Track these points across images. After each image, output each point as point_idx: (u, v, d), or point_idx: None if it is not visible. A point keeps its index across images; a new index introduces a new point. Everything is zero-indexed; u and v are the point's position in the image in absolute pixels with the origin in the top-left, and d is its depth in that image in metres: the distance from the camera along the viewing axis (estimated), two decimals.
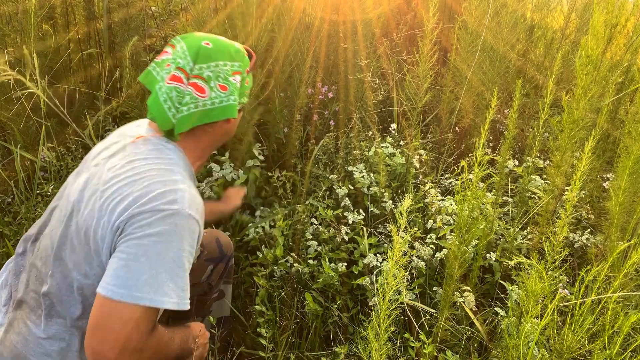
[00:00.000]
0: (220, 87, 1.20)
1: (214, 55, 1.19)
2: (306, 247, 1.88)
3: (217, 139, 1.30)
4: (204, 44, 1.19)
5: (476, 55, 2.51)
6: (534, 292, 1.20)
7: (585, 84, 1.71)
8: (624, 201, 1.70)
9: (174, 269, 1.03)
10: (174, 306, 1.01)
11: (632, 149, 1.69)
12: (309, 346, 1.77)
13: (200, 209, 1.12)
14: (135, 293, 0.98)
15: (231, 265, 1.68)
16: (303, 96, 2.39)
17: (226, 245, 1.63)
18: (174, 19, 2.67)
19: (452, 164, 2.61)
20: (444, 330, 1.60)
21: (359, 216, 1.95)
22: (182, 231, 1.04)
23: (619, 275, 1.15)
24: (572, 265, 1.98)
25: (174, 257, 1.03)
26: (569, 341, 1.18)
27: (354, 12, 2.58)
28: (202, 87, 1.18)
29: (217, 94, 1.19)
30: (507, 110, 2.74)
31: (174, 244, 1.03)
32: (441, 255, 1.81)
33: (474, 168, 1.50)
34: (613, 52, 2.33)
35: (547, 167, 2.10)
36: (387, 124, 2.68)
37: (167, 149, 1.18)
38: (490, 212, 1.88)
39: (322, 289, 1.82)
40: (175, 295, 1.02)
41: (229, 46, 1.24)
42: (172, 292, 1.02)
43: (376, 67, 2.79)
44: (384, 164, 2.24)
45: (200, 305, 1.57)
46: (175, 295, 1.02)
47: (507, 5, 2.60)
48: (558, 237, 1.26)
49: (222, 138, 1.32)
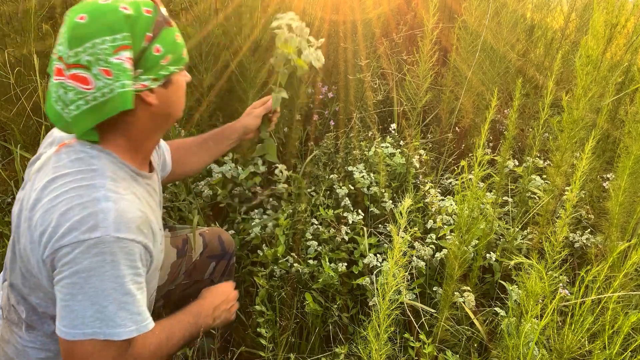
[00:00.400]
0: (104, 73, 0.95)
1: (88, 33, 0.94)
2: (306, 247, 1.88)
3: (150, 125, 1.08)
4: (78, 20, 0.95)
5: (476, 55, 2.51)
6: (534, 292, 1.20)
7: (585, 84, 1.71)
8: (624, 201, 1.70)
9: (119, 298, 0.96)
10: (134, 333, 0.98)
11: (632, 149, 1.69)
12: (309, 346, 1.77)
13: (135, 222, 0.98)
14: (85, 330, 0.94)
15: (232, 264, 1.68)
16: (303, 96, 2.39)
17: (228, 243, 1.63)
18: (174, 18, 2.66)
19: (452, 164, 2.61)
20: (444, 330, 1.60)
21: (359, 216, 1.95)
22: (113, 258, 0.94)
23: (619, 275, 1.15)
24: (572, 265, 1.98)
25: (115, 287, 0.95)
26: (569, 341, 1.18)
27: (354, 12, 2.58)
28: (84, 77, 0.95)
29: (105, 82, 0.95)
30: (507, 110, 2.74)
31: (108, 274, 0.94)
32: (441, 255, 1.81)
33: (474, 168, 1.50)
34: (613, 52, 2.33)
35: (547, 167, 2.10)
36: (387, 124, 2.68)
37: (90, 156, 1.02)
38: (490, 212, 1.88)
39: (322, 289, 1.82)
40: (131, 322, 0.97)
41: (109, 13, 0.95)
42: (127, 320, 0.97)
43: (376, 67, 2.79)
44: (384, 164, 2.24)
45: None
46: (132, 323, 0.98)
47: (507, 5, 2.60)
48: (558, 237, 1.26)
49: (160, 121, 1.09)
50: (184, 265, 1.56)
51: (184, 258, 1.55)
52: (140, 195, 1.08)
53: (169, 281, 1.53)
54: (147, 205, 1.09)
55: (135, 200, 1.02)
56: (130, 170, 1.09)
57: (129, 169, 1.08)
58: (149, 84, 1.01)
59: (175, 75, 1.07)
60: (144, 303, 1.02)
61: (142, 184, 1.13)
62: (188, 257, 1.56)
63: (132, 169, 1.09)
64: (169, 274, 1.52)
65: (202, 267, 1.59)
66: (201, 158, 1.58)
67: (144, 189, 1.13)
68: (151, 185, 1.19)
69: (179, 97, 1.10)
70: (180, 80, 1.09)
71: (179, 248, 1.54)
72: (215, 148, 1.59)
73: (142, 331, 0.99)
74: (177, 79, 1.08)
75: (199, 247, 1.58)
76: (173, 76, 1.06)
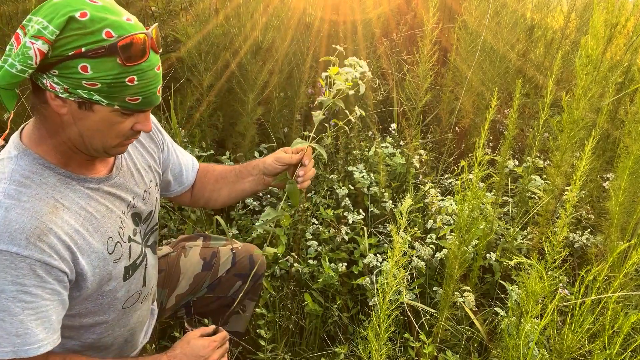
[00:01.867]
0: (16, 44, 0.92)
1: (41, 10, 0.92)
2: (306, 247, 1.88)
3: (69, 132, 1.00)
4: None
5: (476, 55, 2.51)
6: (534, 292, 1.20)
7: (585, 84, 1.71)
8: (624, 201, 1.70)
9: None
10: (12, 355, 0.92)
11: (632, 149, 1.69)
12: (309, 346, 1.77)
13: (25, 234, 0.92)
14: None
15: (259, 284, 1.62)
16: (303, 96, 2.40)
17: (259, 264, 1.56)
18: (174, 19, 2.66)
19: (452, 164, 2.61)
20: (444, 330, 1.61)
21: (359, 216, 1.95)
22: None
23: (619, 275, 1.15)
24: (572, 265, 1.98)
25: None
26: (569, 341, 1.18)
27: (354, 12, 2.58)
28: (19, 39, 0.91)
29: (13, 52, 0.91)
30: (507, 110, 2.74)
31: None
32: (441, 255, 1.81)
33: (474, 168, 1.50)
34: (613, 52, 2.33)
35: (547, 167, 2.10)
36: (387, 124, 2.68)
37: (9, 157, 0.99)
38: (490, 212, 1.88)
39: (322, 289, 1.82)
40: (7, 343, 0.92)
41: (67, 7, 0.90)
42: (3, 340, 0.92)
43: (376, 67, 2.79)
44: (384, 164, 2.24)
45: (218, 316, 1.56)
46: (8, 344, 0.92)
47: (507, 5, 2.60)
48: (558, 237, 1.26)
49: (75, 135, 1.00)
50: (208, 279, 1.53)
51: (210, 272, 1.52)
52: (70, 202, 1.01)
53: (190, 292, 1.51)
54: (76, 214, 1.02)
55: (42, 208, 0.95)
56: (60, 174, 1.02)
57: (57, 172, 1.01)
58: (59, 90, 0.94)
59: (100, 106, 0.97)
60: (34, 326, 0.94)
61: (80, 189, 1.05)
62: (214, 271, 1.53)
63: (63, 173, 1.02)
64: (190, 284, 1.50)
65: (228, 284, 1.55)
66: (218, 189, 1.46)
67: (83, 194, 1.05)
68: (105, 191, 1.11)
69: (98, 130, 1.00)
70: (109, 116, 0.98)
71: (206, 260, 1.51)
72: (235, 182, 1.44)
73: (20, 355, 0.92)
74: (102, 111, 0.97)
75: (226, 263, 1.54)
76: (96, 105, 0.96)
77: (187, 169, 1.44)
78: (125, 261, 1.14)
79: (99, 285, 1.08)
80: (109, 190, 1.11)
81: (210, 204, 1.51)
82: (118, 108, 0.97)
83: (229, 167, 1.50)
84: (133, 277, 1.18)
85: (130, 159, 1.22)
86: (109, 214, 1.10)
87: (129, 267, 1.16)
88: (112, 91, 0.94)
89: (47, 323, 0.97)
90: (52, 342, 0.98)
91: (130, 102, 0.97)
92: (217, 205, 1.51)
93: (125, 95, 0.96)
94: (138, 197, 1.20)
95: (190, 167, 1.45)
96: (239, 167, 1.46)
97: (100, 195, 1.09)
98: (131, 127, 1.03)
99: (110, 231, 1.09)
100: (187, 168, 1.44)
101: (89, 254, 1.03)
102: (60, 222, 0.98)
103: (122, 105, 0.97)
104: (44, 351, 0.96)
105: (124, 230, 1.14)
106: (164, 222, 2.02)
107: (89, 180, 1.07)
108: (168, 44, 2.64)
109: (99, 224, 1.06)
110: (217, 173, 1.48)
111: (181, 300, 1.52)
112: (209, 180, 1.48)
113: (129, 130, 1.03)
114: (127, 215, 1.16)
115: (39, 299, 0.94)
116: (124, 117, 1.00)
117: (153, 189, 1.27)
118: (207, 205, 1.52)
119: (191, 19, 2.31)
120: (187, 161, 1.45)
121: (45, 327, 0.96)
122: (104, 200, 1.10)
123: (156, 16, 2.70)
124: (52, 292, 0.97)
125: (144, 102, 0.98)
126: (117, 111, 0.98)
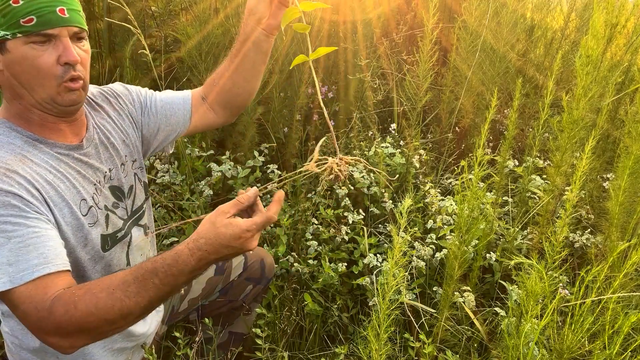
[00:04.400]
0: None
1: None
2: (306, 247, 1.88)
3: (17, 92, 1.01)
4: None
5: (476, 55, 2.51)
6: (534, 292, 1.20)
7: (585, 84, 1.71)
8: (624, 201, 1.70)
9: None
10: (9, 285, 0.89)
11: (632, 149, 1.69)
12: (309, 346, 1.77)
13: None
14: None
15: (266, 289, 1.65)
16: (303, 96, 2.39)
17: (269, 268, 1.59)
18: (174, 18, 2.66)
19: (452, 164, 2.61)
20: (444, 330, 1.61)
21: (359, 216, 1.95)
22: None
23: (619, 275, 1.15)
24: (572, 265, 1.98)
25: None
26: (569, 341, 1.18)
27: (354, 12, 2.58)
28: None
29: None
30: (507, 110, 2.74)
31: None
32: (441, 255, 1.81)
33: (474, 168, 1.50)
34: (613, 52, 2.33)
35: (547, 167, 2.10)
36: (387, 124, 2.68)
37: None
38: (490, 212, 1.88)
39: (322, 289, 1.82)
40: (2, 274, 0.89)
41: None
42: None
43: (376, 67, 2.79)
44: (384, 164, 2.24)
45: (226, 317, 1.58)
46: (3, 274, 0.89)
47: (507, 5, 2.60)
48: (558, 237, 1.26)
49: (21, 93, 1.01)
50: (220, 283, 1.53)
51: (222, 276, 1.53)
52: (40, 160, 1.01)
53: (202, 296, 1.51)
54: (45, 170, 1.01)
55: (8, 158, 0.96)
56: (28, 137, 1.02)
57: (25, 135, 1.02)
58: None
59: (11, 43, 0.96)
60: (25, 253, 0.91)
61: (49, 152, 1.04)
62: (226, 275, 1.53)
63: (30, 135, 1.03)
64: (202, 289, 1.49)
65: (239, 288, 1.56)
66: (231, 83, 1.32)
67: (52, 157, 1.04)
68: (76, 158, 1.09)
69: (26, 72, 0.98)
70: (25, 51, 0.97)
71: (219, 265, 1.51)
72: (236, 54, 1.29)
73: (16, 283, 0.89)
74: (15, 48, 0.96)
75: (238, 267, 1.55)
76: (8, 43, 0.96)
77: (177, 107, 1.32)
78: (102, 228, 1.11)
79: (74, 249, 1.05)
80: (80, 158, 1.10)
81: (238, 100, 1.36)
82: (21, 36, 0.95)
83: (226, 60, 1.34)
84: (113, 250, 1.14)
85: (103, 133, 1.19)
86: (81, 178, 1.08)
87: (107, 237, 1.12)
88: (5, 20, 0.94)
89: (42, 249, 0.92)
90: (50, 267, 0.91)
91: (27, 25, 0.94)
92: (245, 96, 1.36)
93: (18, 18, 0.94)
94: (116, 170, 1.18)
95: (180, 102, 1.33)
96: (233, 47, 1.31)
97: (71, 161, 1.08)
98: (57, 61, 0.99)
99: (84, 194, 1.07)
100: (176, 107, 1.32)
101: (60, 208, 1.01)
102: (29, 170, 0.97)
103: (22, 31, 0.94)
104: (40, 274, 0.90)
105: (99, 198, 1.11)
106: (164, 222, 2.02)
107: (58, 146, 1.06)
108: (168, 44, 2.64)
109: (70, 184, 1.05)
110: (219, 73, 1.33)
111: (194, 304, 1.52)
112: (221, 86, 1.33)
113: (58, 66, 0.99)
114: (103, 186, 1.14)
115: (23, 227, 0.92)
116: (40, 48, 0.97)
117: (129, 164, 1.24)
118: (236, 102, 1.36)
119: (191, 19, 2.31)
120: (176, 99, 1.33)
121: (40, 252, 0.92)
122: (75, 165, 1.08)
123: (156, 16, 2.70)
124: (38, 221, 0.94)
125: (40, 22, 0.95)
126: (26, 43, 0.96)
